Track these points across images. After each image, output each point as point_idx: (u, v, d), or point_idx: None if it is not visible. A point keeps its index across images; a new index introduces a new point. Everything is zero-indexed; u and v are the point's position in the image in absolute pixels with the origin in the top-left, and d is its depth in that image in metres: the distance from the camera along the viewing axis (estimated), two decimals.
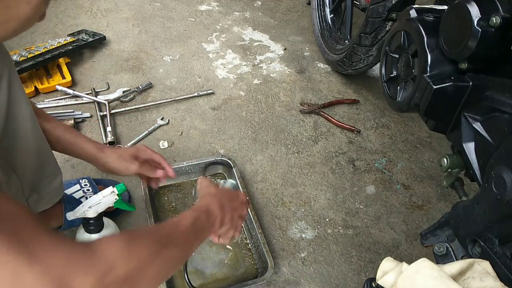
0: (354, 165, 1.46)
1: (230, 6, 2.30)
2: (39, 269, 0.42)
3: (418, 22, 0.89)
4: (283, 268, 1.13)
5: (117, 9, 2.16)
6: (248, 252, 1.16)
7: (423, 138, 1.60)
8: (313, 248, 1.19)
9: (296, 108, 1.67)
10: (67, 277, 0.43)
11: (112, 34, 1.96)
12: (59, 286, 0.42)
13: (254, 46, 2.01)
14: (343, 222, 1.27)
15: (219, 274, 1.10)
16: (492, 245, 0.68)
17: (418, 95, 0.88)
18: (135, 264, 0.51)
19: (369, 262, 1.17)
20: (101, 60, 1.81)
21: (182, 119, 1.57)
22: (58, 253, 0.44)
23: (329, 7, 1.95)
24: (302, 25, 2.20)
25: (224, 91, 1.72)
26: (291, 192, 1.34)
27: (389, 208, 1.33)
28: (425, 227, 1.07)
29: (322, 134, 1.57)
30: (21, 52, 1.59)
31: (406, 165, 1.48)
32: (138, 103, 1.60)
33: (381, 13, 1.43)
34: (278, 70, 1.87)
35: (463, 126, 0.79)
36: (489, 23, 0.72)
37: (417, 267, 0.60)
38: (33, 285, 0.41)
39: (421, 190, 1.40)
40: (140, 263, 0.52)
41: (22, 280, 0.41)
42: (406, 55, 0.96)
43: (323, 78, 1.86)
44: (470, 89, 0.80)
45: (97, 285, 0.45)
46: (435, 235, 0.85)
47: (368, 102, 1.75)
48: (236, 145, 1.49)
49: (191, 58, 1.88)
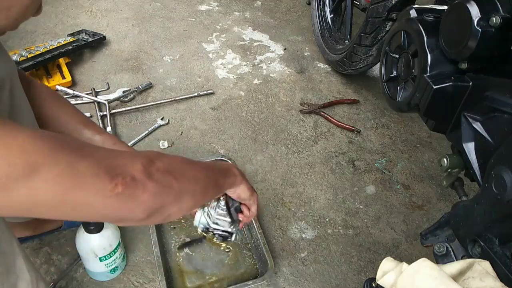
0: (354, 165, 1.46)
1: (230, 6, 2.30)
2: (91, 160, 0.47)
3: (418, 22, 0.89)
4: (283, 268, 1.13)
5: (117, 9, 2.16)
6: (248, 252, 1.16)
7: (423, 138, 1.60)
8: (313, 248, 1.19)
9: (296, 108, 1.67)
10: (118, 167, 0.49)
11: (112, 34, 1.96)
12: (114, 174, 0.48)
13: (254, 46, 2.01)
14: (343, 222, 1.27)
15: (219, 274, 1.10)
16: (492, 245, 0.68)
17: (418, 95, 0.88)
18: (171, 164, 0.58)
19: (369, 262, 1.17)
20: (101, 60, 1.81)
21: (182, 119, 1.57)
22: (104, 151, 0.51)
23: (329, 7, 1.95)
24: (302, 25, 2.20)
25: (224, 91, 1.72)
26: (291, 192, 1.34)
27: (389, 208, 1.33)
28: (425, 227, 1.07)
29: (322, 134, 1.57)
30: (21, 52, 1.59)
31: (406, 165, 1.48)
32: (138, 103, 1.60)
33: (381, 13, 1.43)
34: (278, 70, 1.87)
35: (463, 126, 0.79)
36: (489, 23, 0.72)
37: (417, 267, 0.60)
38: (88, 173, 0.46)
39: (421, 190, 1.40)
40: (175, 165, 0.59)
41: (79, 171, 0.45)
42: (406, 55, 0.96)
43: (323, 78, 1.86)
44: (470, 89, 0.80)
45: (144, 171, 0.51)
46: (435, 235, 0.84)
47: (368, 102, 1.75)
48: (236, 145, 1.49)
49: (191, 58, 1.88)
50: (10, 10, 0.56)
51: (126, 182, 0.49)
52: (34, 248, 1.09)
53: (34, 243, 1.10)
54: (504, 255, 0.66)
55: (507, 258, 0.65)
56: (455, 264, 0.64)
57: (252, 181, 1.36)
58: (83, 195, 0.46)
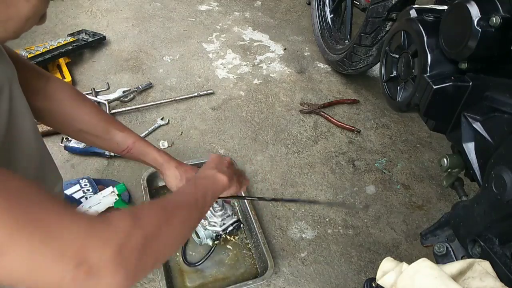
0: (354, 165, 1.46)
1: (230, 6, 2.30)
2: (56, 246, 0.41)
3: (418, 22, 0.89)
4: (283, 268, 1.13)
5: (117, 9, 2.16)
6: (248, 252, 1.16)
7: (423, 138, 1.60)
8: (313, 248, 1.19)
9: (296, 108, 1.67)
10: (86, 252, 0.42)
11: (112, 34, 1.96)
12: (78, 263, 0.42)
13: (254, 46, 2.01)
14: (343, 222, 1.27)
15: (219, 274, 1.10)
16: (492, 245, 0.68)
17: (418, 95, 0.88)
18: (149, 230, 0.51)
19: (369, 262, 1.17)
20: (101, 60, 1.81)
21: (182, 119, 1.57)
22: (73, 228, 0.43)
23: (329, 7, 1.95)
24: (302, 25, 2.20)
25: (224, 91, 1.72)
26: (291, 192, 1.34)
27: (389, 208, 1.33)
28: (425, 227, 1.07)
29: (322, 134, 1.57)
30: (21, 52, 1.59)
31: (406, 165, 1.48)
32: (138, 103, 1.60)
33: (381, 13, 1.43)
34: (278, 70, 1.87)
35: (463, 126, 0.79)
36: (489, 23, 0.72)
37: (417, 267, 0.60)
38: (51, 264, 0.40)
39: (421, 190, 1.40)
40: (153, 229, 0.52)
41: (40, 259, 0.40)
42: (406, 55, 0.96)
43: (323, 78, 1.86)
44: (470, 89, 0.80)
45: (117, 257, 0.44)
46: (435, 235, 0.84)
47: (368, 102, 1.75)
48: (236, 145, 1.49)
49: (191, 58, 1.88)
50: (7, 23, 0.54)
51: (92, 271, 0.43)
52: None
53: None
54: (504, 255, 0.66)
55: (507, 258, 0.65)
56: (455, 264, 0.64)
57: (252, 181, 1.36)
58: (45, 279, 0.41)
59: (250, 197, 1.02)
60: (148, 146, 0.95)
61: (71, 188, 1.14)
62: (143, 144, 0.94)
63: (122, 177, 1.30)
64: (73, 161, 1.34)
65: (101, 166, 1.33)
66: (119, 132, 0.90)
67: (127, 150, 0.92)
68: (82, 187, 1.15)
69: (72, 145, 1.33)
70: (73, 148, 1.33)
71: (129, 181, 1.28)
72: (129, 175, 1.31)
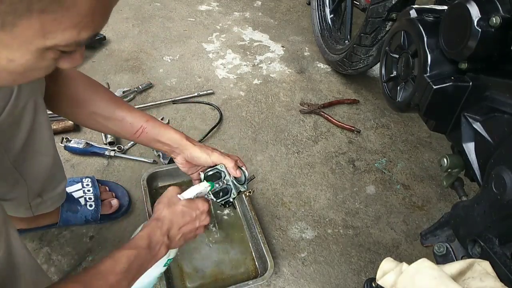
0: (354, 165, 1.46)
1: (230, 6, 2.30)
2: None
3: (418, 22, 0.89)
4: (283, 268, 1.13)
5: (117, 9, 2.15)
6: (248, 252, 1.16)
7: (423, 138, 1.60)
8: (313, 248, 1.19)
9: (296, 108, 1.67)
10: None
11: (112, 34, 1.96)
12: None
13: (254, 46, 2.01)
14: (343, 222, 1.27)
15: (219, 274, 1.10)
16: (492, 245, 0.68)
17: (418, 95, 0.88)
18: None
19: (369, 262, 1.17)
20: (101, 60, 1.81)
21: (182, 119, 1.57)
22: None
23: (329, 7, 1.94)
24: (302, 25, 2.20)
25: (224, 91, 1.72)
26: (291, 192, 1.34)
27: (389, 208, 1.33)
28: (425, 227, 1.07)
29: (322, 134, 1.57)
30: None
31: (406, 165, 1.48)
32: (138, 103, 1.60)
33: (381, 13, 1.43)
34: (278, 70, 1.87)
35: (463, 126, 0.79)
36: (489, 23, 0.72)
37: (417, 267, 0.60)
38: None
39: (421, 190, 1.40)
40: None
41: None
42: (406, 55, 0.96)
43: (323, 78, 1.86)
44: (470, 89, 0.80)
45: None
46: (435, 235, 0.84)
47: (368, 102, 1.75)
48: (236, 145, 1.49)
49: (191, 58, 1.88)
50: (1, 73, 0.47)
51: None
52: (34, 248, 1.09)
53: (34, 243, 1.10)
54: (504, 255, 0.66)
55: (507, 258, 0.65)
56: (455, 264, 0.64)
57: (252, 181, 1.35)
58: None
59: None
60: (162, 125, 0.92)
61: (72, 186, 1.14)
62: (158, 123, 0.91)
63: (122, 177, 1.30)
64: (73, 161, 1.34)
65: (101, 166, 1.33)
66: (131, 112, 0.88)
67: (141, 129, 0.88)
68: (84, 187, 1.15)
69: (72, 145, 1.33)
70: (73, 148, 1.33)
71: (129, 181, 1.28)
72: (129, 175, 1.31)
